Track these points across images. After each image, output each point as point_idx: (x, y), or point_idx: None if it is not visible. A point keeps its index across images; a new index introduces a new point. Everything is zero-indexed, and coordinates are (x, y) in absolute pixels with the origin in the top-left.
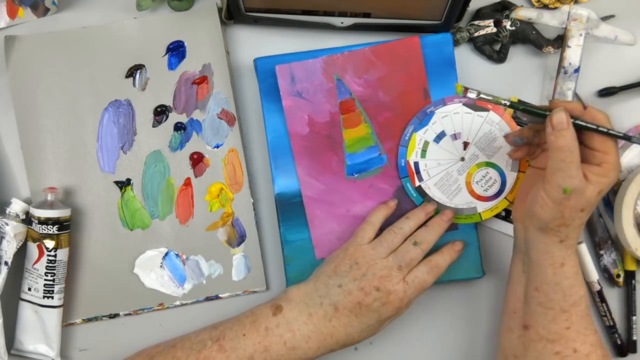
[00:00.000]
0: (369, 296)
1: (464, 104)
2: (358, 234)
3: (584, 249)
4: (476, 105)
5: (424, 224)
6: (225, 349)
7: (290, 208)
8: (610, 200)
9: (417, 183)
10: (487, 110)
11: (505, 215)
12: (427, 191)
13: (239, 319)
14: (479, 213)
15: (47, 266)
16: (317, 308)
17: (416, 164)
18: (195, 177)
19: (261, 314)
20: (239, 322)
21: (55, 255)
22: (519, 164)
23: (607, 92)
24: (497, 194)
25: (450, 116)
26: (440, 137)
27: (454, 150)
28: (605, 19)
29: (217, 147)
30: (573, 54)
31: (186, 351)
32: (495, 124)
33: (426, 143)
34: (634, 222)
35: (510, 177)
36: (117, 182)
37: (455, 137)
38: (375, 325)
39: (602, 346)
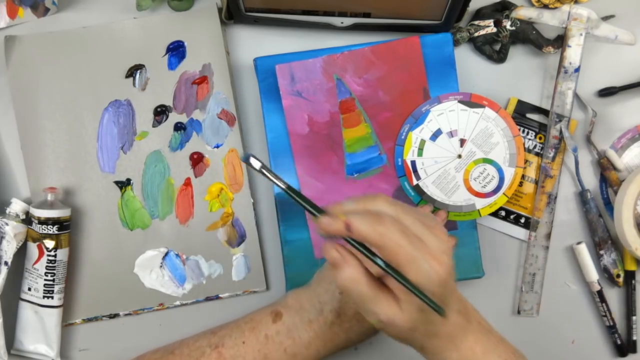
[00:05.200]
0: None
1: (459, 101)
2: None
3: (584, 249)
4: (472, 102)
5: None
6: (224, 356)
7: (290, 208)
8: (610, 200)
9: (415, 182)
10: (482, 106)
11: (506, 215)
12: (425, 189)
13: (238, 325)
14: (478, 210)
15: (47, 266)
16: (317, 314)
17: (413, 162)
18: (195, 177)
19: (261, 320)
20: (238, 328)
21: (55, 255)
22: (517, 160)
23: (607, 92)
24: (496, 190)
25: (446, 114)
26: (436, 135)
27: (450, 147)
28: (605, 18)
29: (217, 147)
30: (573, 53)
31: (184, 358)
32: (492, 120)
33: (422, 141)
34: (634, 222)
35: (508, 172)
36: (117, 182)
37: (451, 134)
38: (375, 328)
39: None
